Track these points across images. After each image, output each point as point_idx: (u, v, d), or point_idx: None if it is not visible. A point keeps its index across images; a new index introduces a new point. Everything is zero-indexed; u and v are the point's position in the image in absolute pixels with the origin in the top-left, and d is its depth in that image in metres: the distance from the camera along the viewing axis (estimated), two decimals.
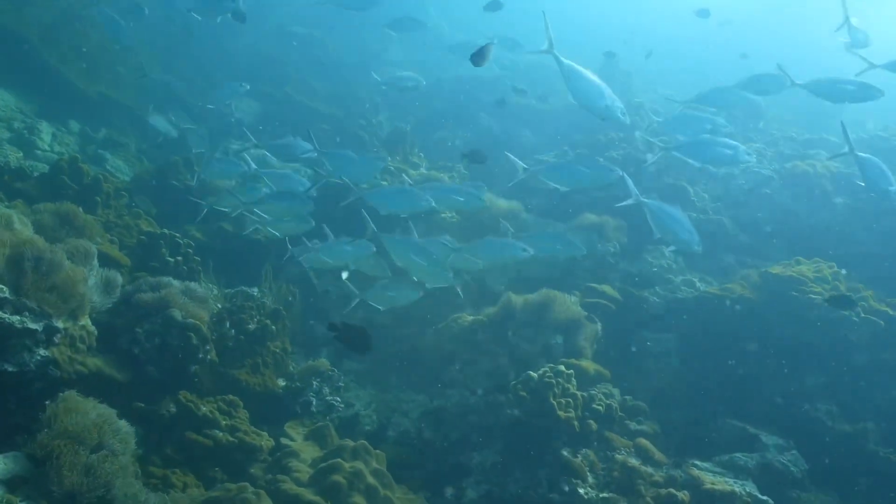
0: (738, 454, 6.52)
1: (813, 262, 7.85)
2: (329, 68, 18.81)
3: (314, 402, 7.20)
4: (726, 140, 6.81)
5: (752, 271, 8.31)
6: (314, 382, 7.35)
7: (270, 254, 9.95)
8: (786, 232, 9.23)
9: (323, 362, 7.60)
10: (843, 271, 7.78)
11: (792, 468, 6.41)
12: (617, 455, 6.35)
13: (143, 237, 7.85)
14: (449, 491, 6.69)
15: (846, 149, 6.47)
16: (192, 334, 6.13)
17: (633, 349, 8.09)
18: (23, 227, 5.81)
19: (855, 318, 7.17)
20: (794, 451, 6.53)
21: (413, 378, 8.30)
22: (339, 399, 7.35)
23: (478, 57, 6.26)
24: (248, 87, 11.18)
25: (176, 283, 6.68)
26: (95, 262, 6.25)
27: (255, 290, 8.79)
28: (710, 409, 7.36)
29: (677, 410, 7.50)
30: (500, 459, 6.76)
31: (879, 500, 6.48)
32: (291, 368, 7.57)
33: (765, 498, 5.98)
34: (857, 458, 6.66)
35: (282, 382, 7.37)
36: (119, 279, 6.27)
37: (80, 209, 7.32)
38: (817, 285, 7.49)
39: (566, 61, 5.88)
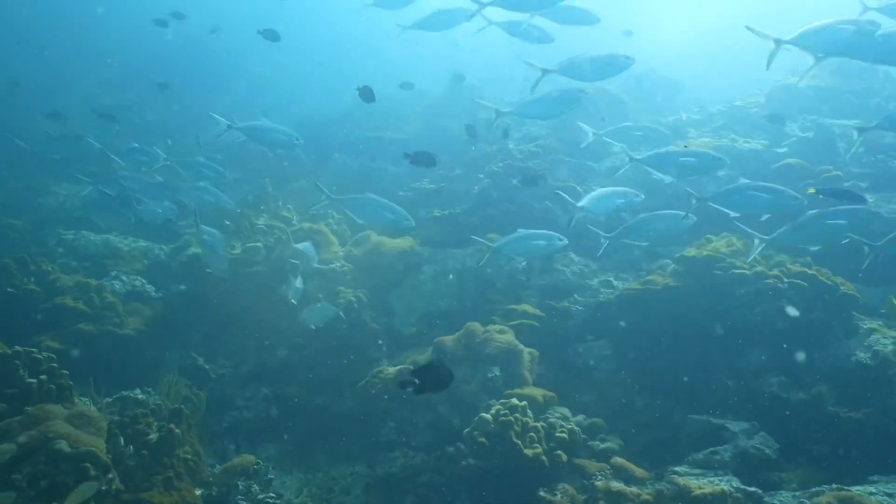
0: (710, 449, 6.20)
1: (723, 238, 7.79)
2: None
3: None
4: None
5: (666, 260, 8.16)
6: (239, 484, 6.33)
7: (143, 349, 8.79)
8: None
9: (247, 458, 6.58)
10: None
11: (766, 450, 6.16)
12: (596, 482, 5.84)
13: None
14: None
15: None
16: (88, 465, 5.01)
17: (569, 365, 7.68)
18: None
19: (781, 285, 7.12)
20: (762, 433, 6.30)
21: (343, 449, 7.45)
22: (272, 495, 6.37)
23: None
24: None
25: (53, 407, 5.53)
26: None
27: (138, 393, 7.67)
28: (664, 407, 7.05)
29: (631, 417, 7.13)
30: None
31: (848, 459, 6.37)
32: (207, 474, 6.51)
33: (752, 489, 5.66)
34: (819, 423, 6.54)
35: (199, 492, 6.29)
36: None
37: None
38: (736, 259, 7.41)
39: None
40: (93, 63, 20.35)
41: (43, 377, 6.44)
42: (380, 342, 8.40)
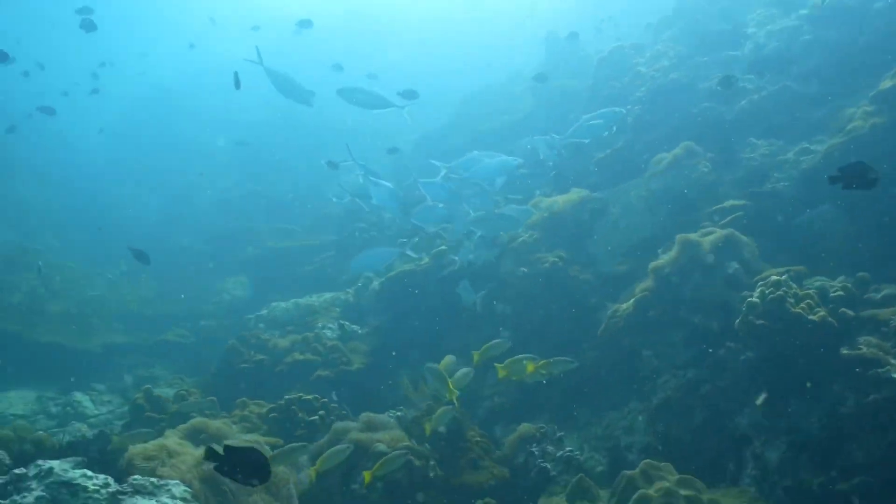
0: None
1: None
2: None
3: (549, 467, 6.25)
4: None
5: (855, 108, 7.66)
6: (533, 449, 6.42)
7: (375, 377, 9.16)
8: (850, 60, 8.66)
9: (527, 426, 6.66)
10: None
11: None
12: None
13: (273, 414, 6.99)
14: (732, 465, 5.81)
15: None
16: (412, 458, 5.24)
17: (796, 239, 7.33)
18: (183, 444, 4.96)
19: None
20: None
21: (604, 399, 7.39)
22: (570, 449, 6.41)
23: None
24: None
25: (350, 423, 5.85)
26: None
27: (399, 411, 7.97)
28: None
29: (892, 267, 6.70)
30: (769, 408, 5.87)
31: None
32: (497, 451, 6.64)
33: None
34: None
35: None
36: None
37: (208, 419, 6.50)
38: None
39: None
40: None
41: (322, 412, 6.86)
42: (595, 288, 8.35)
